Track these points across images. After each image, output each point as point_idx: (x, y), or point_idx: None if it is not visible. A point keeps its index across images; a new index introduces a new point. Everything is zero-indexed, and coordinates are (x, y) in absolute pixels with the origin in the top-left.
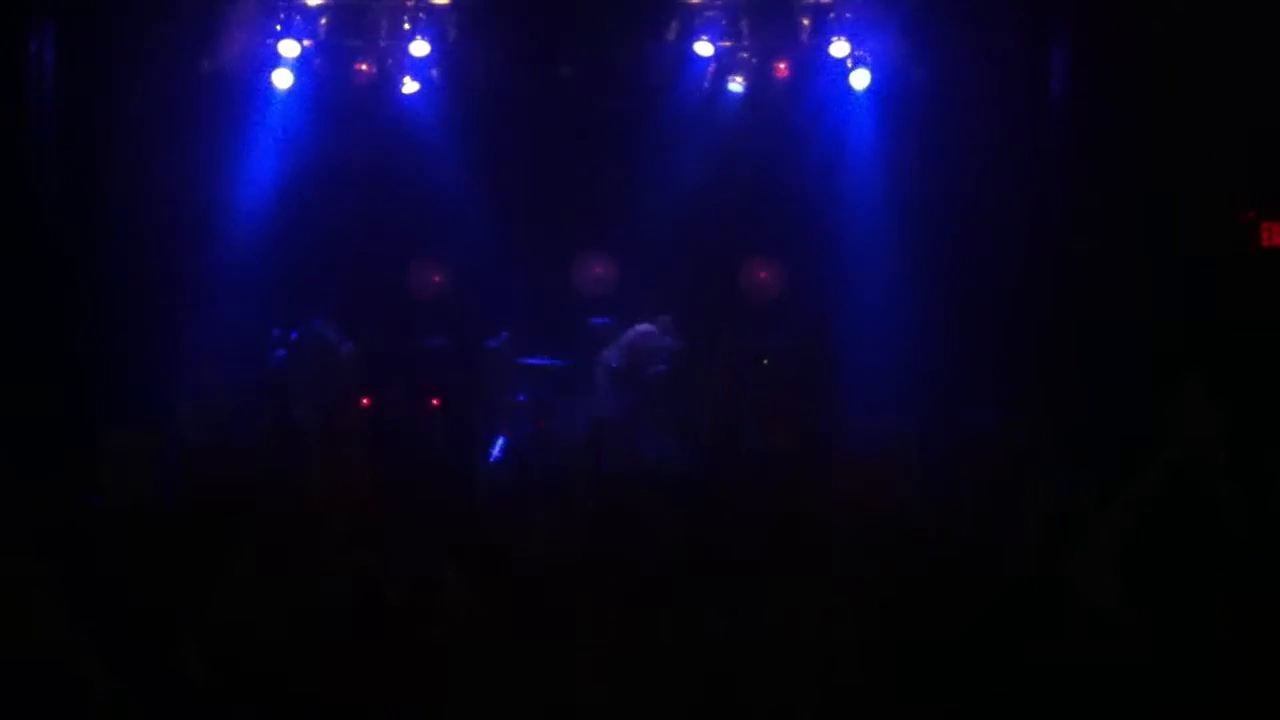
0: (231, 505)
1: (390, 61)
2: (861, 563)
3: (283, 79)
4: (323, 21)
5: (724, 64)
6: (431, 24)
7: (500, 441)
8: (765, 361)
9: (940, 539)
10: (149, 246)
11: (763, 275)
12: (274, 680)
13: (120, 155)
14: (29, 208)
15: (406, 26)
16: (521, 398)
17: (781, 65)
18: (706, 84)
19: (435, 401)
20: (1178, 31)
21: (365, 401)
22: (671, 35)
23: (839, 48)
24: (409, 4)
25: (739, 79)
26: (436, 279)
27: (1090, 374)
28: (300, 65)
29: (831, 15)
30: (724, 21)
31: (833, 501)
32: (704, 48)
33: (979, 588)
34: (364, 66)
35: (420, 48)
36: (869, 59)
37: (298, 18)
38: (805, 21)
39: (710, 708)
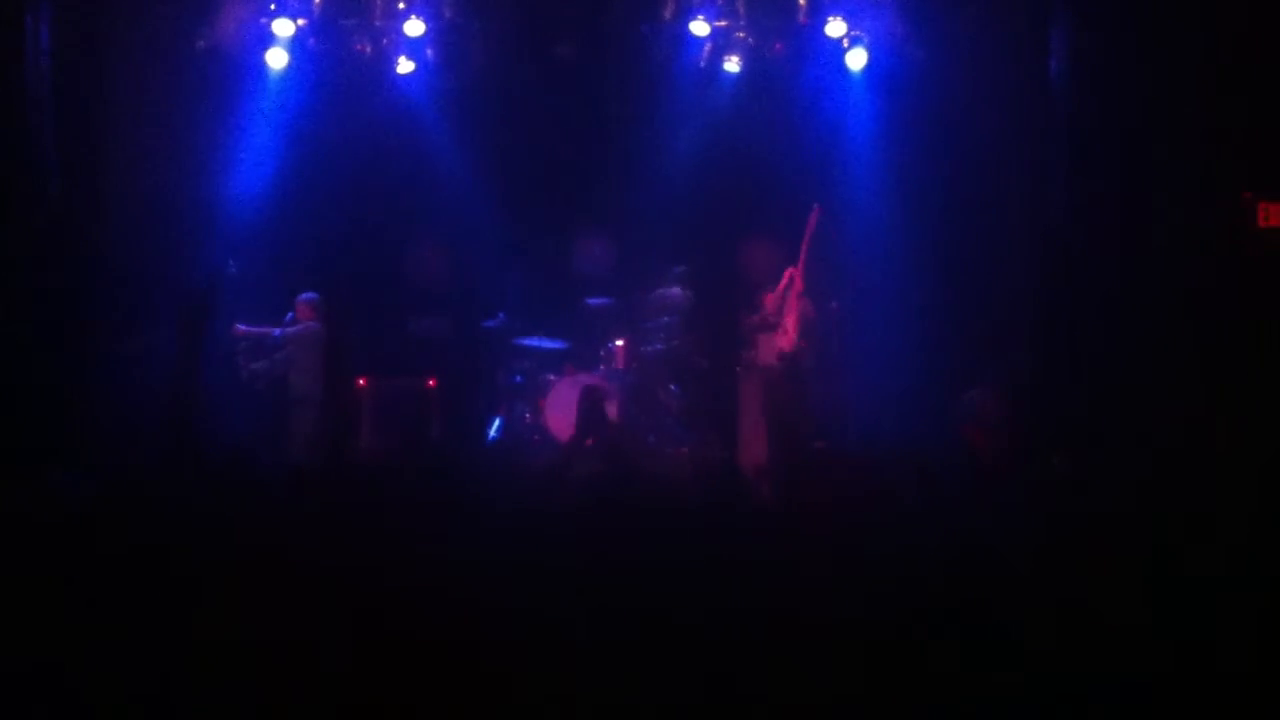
0: (231, 486)
1: (385, 41)
2: (862, 559)
3: (277, 58)
4: (317, 1)
5: (720, 44)
6: (427, 3)
7: (497, 422)
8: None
9: (941, 532)
10: (144, 224)
11: (759, 256)
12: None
13: (116, 132)
14: (25, 186)
15: (401, 5)
16: (518, 378)
17: (778, 45)
18: (703, 64)
19: (431, 382)
20: (1176, 11)
21: (362, 382)
22: (668, 15)
23: (835, 27)
24: None
25: (735, 59)
26: (432, 260)
27: (1087, 354)
28: (295, 44)
29: None
30: (720, 1)
31: (833, 496)
32: (700, 27)
33: (980, 583)
34: (359, 46)
35: (415, 27)
36: (865, 39)
37: None
38: (801, 1)
39: (711, 711)
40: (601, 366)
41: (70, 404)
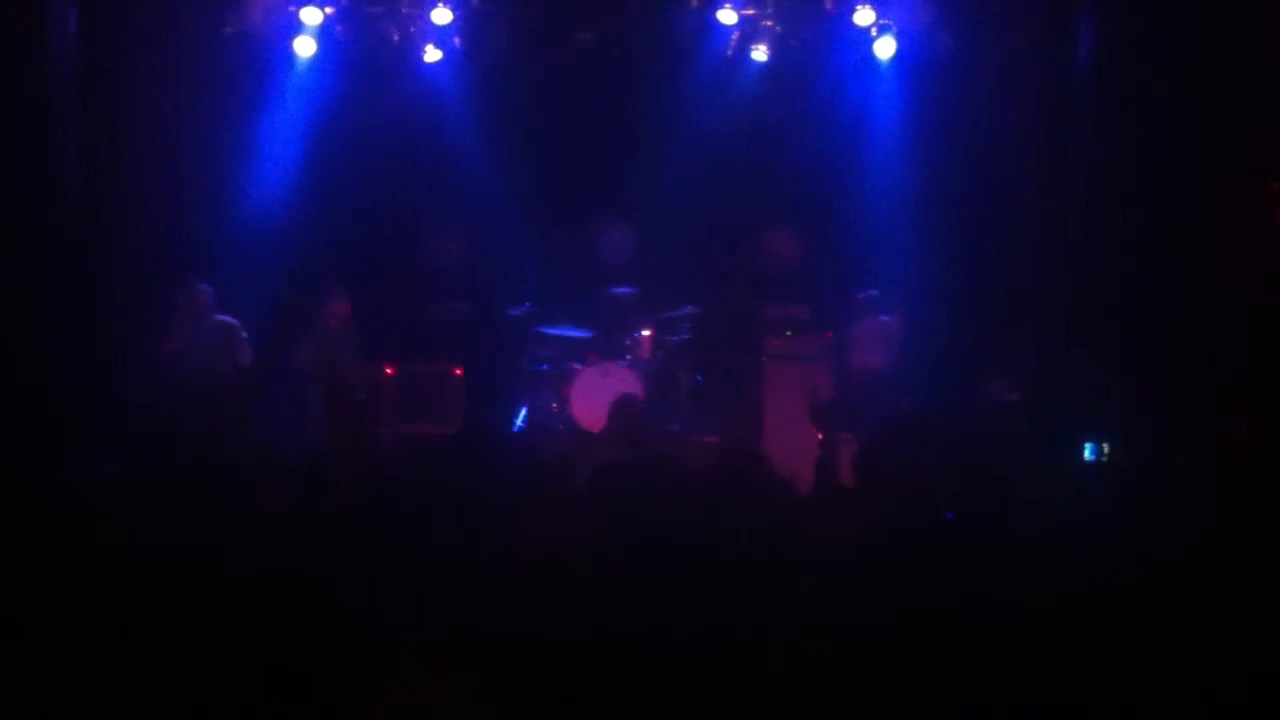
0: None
1: (412, 29)
2: (875, 547)
3: (304, 46)
4: None
5: (747, 32)
6: None
7: (524, 410)
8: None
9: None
10: (169, 210)
11: (782, 245)
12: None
13: (141, 117)
14: (51, 171)
15: None
16: (544, 367)
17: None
18: (729, 52)
19: (457, 371)
20: (1207, 1)
21: (389, 370)
22: (694, 3)
23: (863, 16)
24: None
25: (762, 47)
26: (458, 248)
27: (1113, 345)
28: (322, 32)
29: None
30: None
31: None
32: (727, 15)
33: (999, 568)
34: (386, 34)
35: (442, 15)
36: (894, 27)
37: None
38: None
39: (720, 701)
40: (627, 356)
41: (99, 393)
